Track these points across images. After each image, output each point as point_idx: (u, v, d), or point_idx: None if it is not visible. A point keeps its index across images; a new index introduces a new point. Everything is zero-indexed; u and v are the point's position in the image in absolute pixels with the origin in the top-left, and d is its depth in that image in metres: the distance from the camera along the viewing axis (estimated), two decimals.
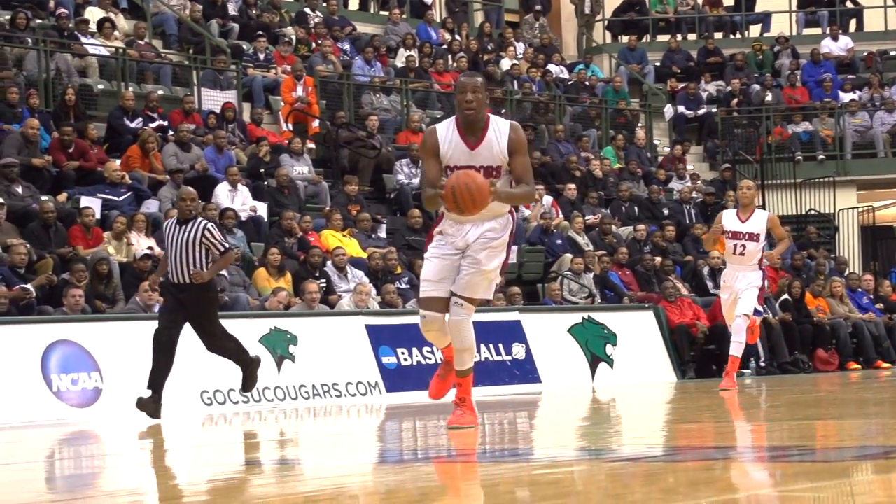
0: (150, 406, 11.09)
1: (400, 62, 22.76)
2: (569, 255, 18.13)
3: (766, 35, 27.95)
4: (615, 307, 17.08)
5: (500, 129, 7.48)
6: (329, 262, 15.76)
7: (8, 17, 18.36)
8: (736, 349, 12.51)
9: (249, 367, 11.59)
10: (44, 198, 14.95)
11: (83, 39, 18.79)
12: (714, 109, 25.33)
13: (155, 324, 13.29)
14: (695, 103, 25.42)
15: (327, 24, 22.85)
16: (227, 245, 11.54)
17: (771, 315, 17.87)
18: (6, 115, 16.29)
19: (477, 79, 7.59)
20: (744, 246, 12.51)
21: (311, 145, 19.29)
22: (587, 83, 24.86)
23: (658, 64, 26.91)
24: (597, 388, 15.19)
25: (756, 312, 12.79)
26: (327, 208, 17.48)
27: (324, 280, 15.33)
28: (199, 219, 11.53)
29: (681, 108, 25.33)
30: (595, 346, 16.04)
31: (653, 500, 4.56)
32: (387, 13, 25.10)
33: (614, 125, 23.93)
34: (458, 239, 7.60)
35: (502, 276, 8.11)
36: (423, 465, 6.26)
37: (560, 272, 17.85)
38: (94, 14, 19.58)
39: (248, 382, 11.62)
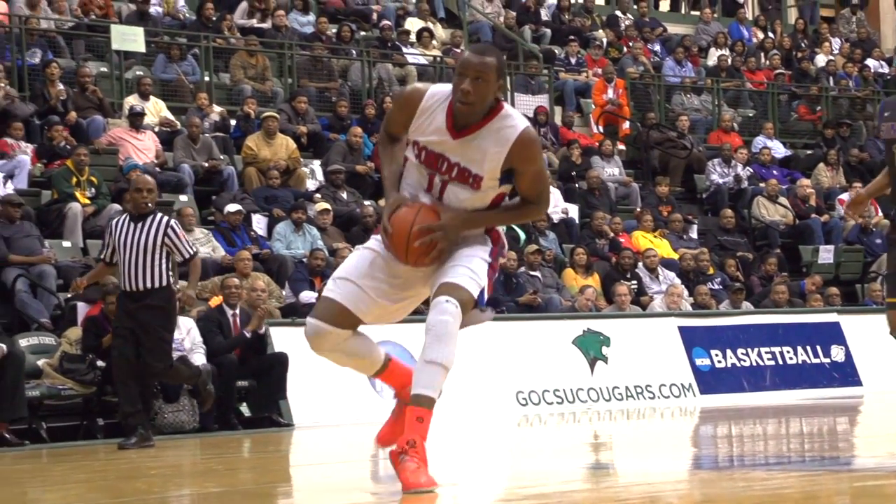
0: (140, 442, 9.50)
1: (711, 62, 22.53)
2: None
3: None
4: None
5: (504, 129, 5.35)
6: (640, 264, 15.81)
7: (335, 30, 19.22)
8: None
9: (203, 388, 10.26)
10: (366, 203, 15.59)
11: (404, 49, 19.47)
12: None
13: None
14: None
15: (638, 26, 22.87)
16: (192, 250, 9.80)
17: None
18: (335, 127, 17.06)
19: (487, 59, 5.32)
20: None
21: (622, 147, 19.34)
22: None
23: None
24: None
25: None
26: (638, 209, 17.51)
27: (635, 281, 15.39)
28: (159, 214, 9.70)
29: None
30: None
31: None
32: (698, 13, 24.89)
33: None
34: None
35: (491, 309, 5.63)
36: (741, 473, 6.24)
37: (881, 272, 17.32)
38: (413, 24, 20.26)
39: (202, 397, 10.33)
